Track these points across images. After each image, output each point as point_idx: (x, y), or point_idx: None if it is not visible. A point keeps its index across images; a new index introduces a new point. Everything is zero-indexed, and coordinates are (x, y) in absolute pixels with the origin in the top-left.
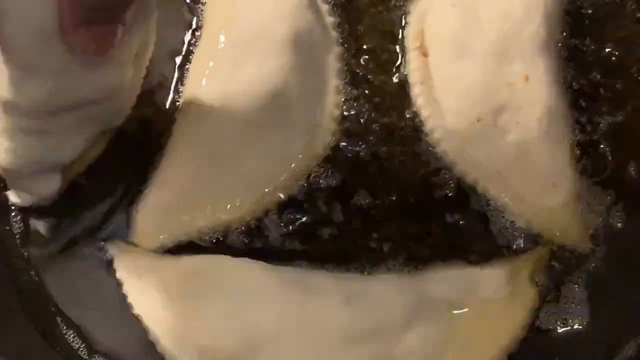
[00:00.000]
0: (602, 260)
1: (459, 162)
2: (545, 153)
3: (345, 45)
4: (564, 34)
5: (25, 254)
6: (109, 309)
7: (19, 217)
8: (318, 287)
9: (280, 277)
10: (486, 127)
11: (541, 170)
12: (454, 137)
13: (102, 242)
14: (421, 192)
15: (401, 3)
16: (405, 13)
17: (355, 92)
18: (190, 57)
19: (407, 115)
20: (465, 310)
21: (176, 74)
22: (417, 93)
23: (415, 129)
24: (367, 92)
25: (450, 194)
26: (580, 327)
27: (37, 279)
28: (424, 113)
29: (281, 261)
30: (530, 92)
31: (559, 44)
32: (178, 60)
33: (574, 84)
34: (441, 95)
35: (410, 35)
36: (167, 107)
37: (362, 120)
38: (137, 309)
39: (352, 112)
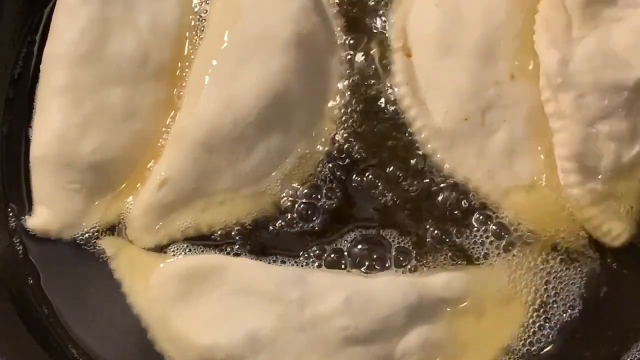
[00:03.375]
0: (600, 258)
1: (449, 162)
2: (534, 150)
3: (349, 49)
4: None
5: (21, 253)
6: (107, 309)
7: (14, 216)
8: (318, 287)
9: (280, 277)
10: (474, 126)
11: (530, 168)
12: (443, 137)
13: (99, 241)
14: (416, 191)
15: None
16: (388, 13)
17: (357, 95)
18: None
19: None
20: (465, 310)
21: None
22: (403, 94)
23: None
24: (369, 95)
25: (443, 194)
26: (581, 327)
27: (32, 279)
28: (411, 114)
29: (280, 261)
30: (516, 90)
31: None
32: None
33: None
34: (427, 96)
35: (393, 35)
36: None
37: (363, 124)
38: (136, 309)
39: (354, 116)
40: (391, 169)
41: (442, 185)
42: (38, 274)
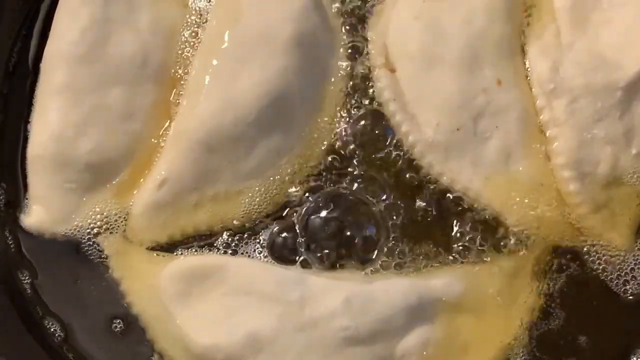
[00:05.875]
0: (600, 259)
1: (446, 173)
2: (530, 154)
3: (350, 49)
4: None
5: (19, 253)
6: (106, 309)
7: (10, 215)
8: (318, 287)
9: (280, 277)
10: (467, 136)
11: (527, 172)
12: (437, 150)
13: (98, 240)
14: (417, 196)
15: None
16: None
17: (358, 95)
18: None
19: None
20: (465, 311)
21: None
22: (392, 111)
23: None
24: (370, 96)
25: (443, 203)
26: (582, 328)
27: (30, 279)
28: (402, 129)
29: (281, 261)
30: (505, 95)
31: (523, 43)
32: None
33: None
34: (416, 110)
35: (374, 52)
36: None
37: (363, 125)
38: (135, 308)
39: (354, 116)
40: (391, 170)
41: (441, 194)
42: (36, 274)
